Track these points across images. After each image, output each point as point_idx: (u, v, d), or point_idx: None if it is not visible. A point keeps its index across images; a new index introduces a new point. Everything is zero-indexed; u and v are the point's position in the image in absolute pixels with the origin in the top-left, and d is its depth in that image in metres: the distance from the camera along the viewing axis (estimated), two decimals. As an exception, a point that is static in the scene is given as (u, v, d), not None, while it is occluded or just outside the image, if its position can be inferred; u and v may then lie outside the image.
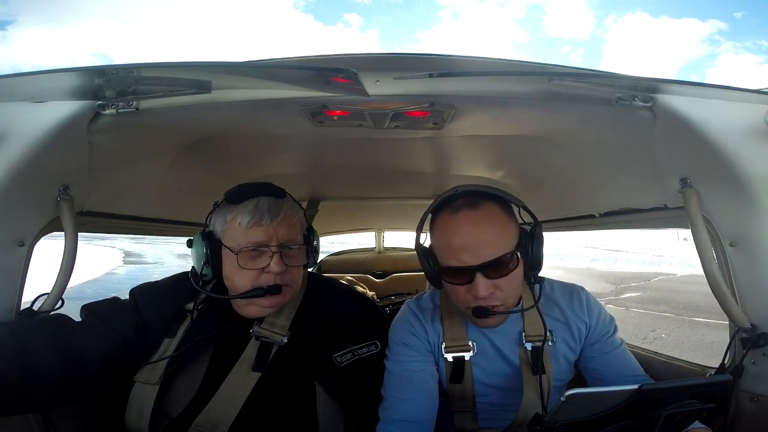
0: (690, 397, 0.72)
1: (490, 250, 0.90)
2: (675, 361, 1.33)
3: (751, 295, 0.99)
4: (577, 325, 1.07)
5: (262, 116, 1.08)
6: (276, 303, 1.04)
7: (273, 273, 0.99)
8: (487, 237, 0.91)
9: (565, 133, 1.22)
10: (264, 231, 0.99)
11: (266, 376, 1.02)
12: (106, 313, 1.04)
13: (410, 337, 1.07)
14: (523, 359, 1.05)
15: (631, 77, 0.88)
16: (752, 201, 0.93)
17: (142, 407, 0.98)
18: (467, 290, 0.93)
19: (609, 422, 0.72)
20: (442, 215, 0.97)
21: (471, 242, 0.91)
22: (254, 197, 1.02)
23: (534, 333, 1.05)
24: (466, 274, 0.92)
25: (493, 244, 0.91)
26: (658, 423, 0.70)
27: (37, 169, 0.90)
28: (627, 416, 0.71)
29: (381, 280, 3.53)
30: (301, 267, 1.08)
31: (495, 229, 0.93)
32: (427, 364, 1.06)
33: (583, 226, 1.66)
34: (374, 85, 0.87)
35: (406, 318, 1.11)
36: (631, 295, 9.51)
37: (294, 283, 1.06)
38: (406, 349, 1.06)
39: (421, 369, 1.04)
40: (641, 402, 0.70)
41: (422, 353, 1.06)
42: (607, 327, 1.09)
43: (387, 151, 1.53)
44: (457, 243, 0.92)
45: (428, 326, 1.09)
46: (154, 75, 0.88)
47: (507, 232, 0.94)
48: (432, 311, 1.11)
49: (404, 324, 1.10)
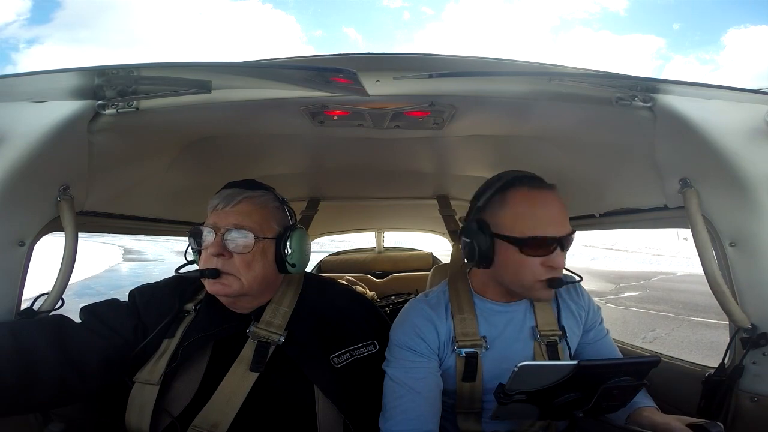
0: (624, 374, 0.84)
1: (567, 226, 1.00)
2: (675, 361, 1.33)
3: (751, 295, 0.99)
4: (579, 313, 1.14)
5: (262, 116, 1.08)
6: (216, 290, 1.01)
7: (211, 255, 1.00)
8: (564, 214, 1.00)
9: (565, 133, 1.22)
10: (216, 215, 1.03)
11: (264, 376, 1.02)
12: (106, 313, 1.04)
13: (416, 339, 1.05)
14: (538, 354, 1.06)
15: (631, 77, 0.88)
16: (752, 201, 0.93)
17: (143, 407, 0.98)
18: (543, 262, 0.97)
19: (559, 393, 0.84)
20: (519, 190, 1.00)
21: (557, 216, 0.98)
22: (229, 188, 1.06)
23: (547, 328, 1.08)
24: (548, 245, 0.96)
25: (567, 222, 1.00)
26: (596, 394, 0.83)
27: (37, 169, 0.91)
28: (572, 388, 0.83)
29: (381, 280, 3.53)
30: (254, 259, 1.02)
31: (565, 209, 1.01)
32: (431, 372, 1.04)
33: (583, 226, 1.66)
34: (374, 85, 0.87)
35: (411, 320, 1.08)
36: (631, 294, 9.51)
37: (242, 274, 1.01)
38: (411, 354, 1.04)
39: (425, 377, 1.02)
40: (583, 376, 0.81)
41: (427, 357, 1.04)
42: (598, 314, 1.18)
43: (387, 151, 1.53)
44: (545, 215, 0.97)
45: (439, 321, 1.07)
46: (154, 75, 0.88)
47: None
48: (443, 307, 1.10)
49: (409, 326, 1.07)
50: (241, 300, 1.06)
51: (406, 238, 4.75)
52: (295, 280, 1.16)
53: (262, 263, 1.03)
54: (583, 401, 0.85)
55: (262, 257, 1.03)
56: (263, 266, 1.04)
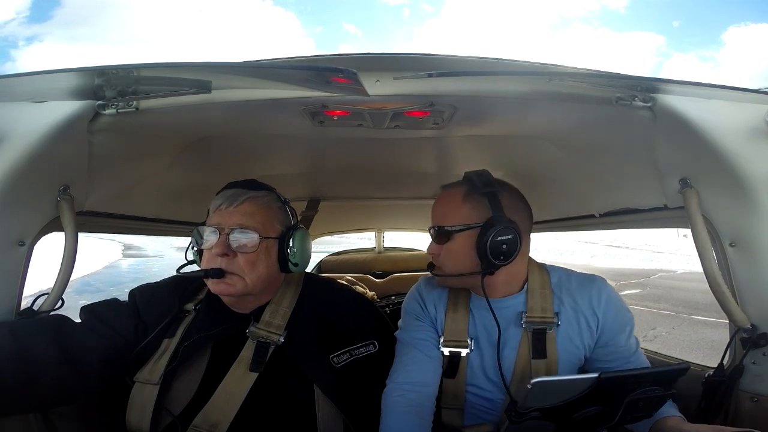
0: (651, 384, 0.77)
1: (436, 220, 1.13)
2: (675, 360, 1.33)
3: (751, 295, 0.99)
4: (585, 316, 1.06)
5: (262, 116, 1.08)
6: (220, 290, 1.02)
7: (215, 255, 1.00)
8: (439, 210, 1.12)
9: (565, 133, 1.22)
10: (220, 215, 1.03)
11: (264, 376, 1.02)
12: (106, 313, 1.05)
13: (420, 310, 1.16)
14: (524, 344, 1.06)
15: (631, 77, 0.88)
16: (752, 201, 0.92)
17: (143, 407, 0.98)
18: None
19: (577, 408, 0.77)
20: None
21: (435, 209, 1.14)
22: (231, 188, 1.06)
23: (537, 315, 1.06)
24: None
25: (438, 216, 1.12)
26: (621, 408, 0.77)
27: (37, 169, 0.91)
28: (593, 402, 0.77)
29: (381, 280, 3.53)
30: (258, 259, 1.02)
31: (447, 205, 1.12)
32: (431, 337, 1.12)
33: (583, 226, 1.66)
34: (374, 85, 0.87)
35: (416, 295, 1.19)
36: (631, 291, 9.49)
37: (246, 274, 1.01)
38: (416, 320, 1.15)
39: (425, 338, 1.11)
40: (604, 389, 0.75)
41: (428, 324, 1.14)
42: (621, 326, 1.06)
43: (387, 151, 1.53)
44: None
45: (431, 312, 1.14)
46: (154, 75, 0.88)
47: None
48: (439, 299, 1.15)
49: (415, 299, 1.18)
50: (244, 300, 1.07)
51: (406, 239, 4.75)
52: (295, 280, 1.16)
53: (265, 263, 1.04)
54: (606, 415, 0.79)
55: (266, 257, 1.04)
56: (267, 266, 1.04)
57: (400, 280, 3.51)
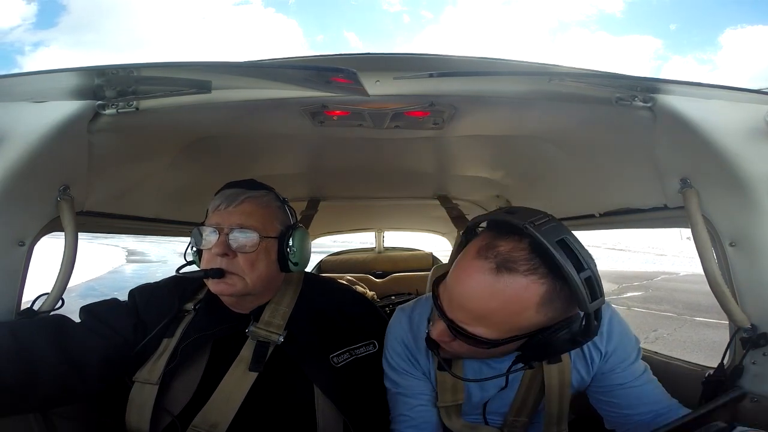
0: (711, 420, 0.73)
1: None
2: (675, 361, 1.33)
3: (751, 295, 0.98)
4: (589, 350, 0.99)
5: (262, 116, 1.08)
6: (220, 290, 1.01)
7: (215, 255, 1.00)
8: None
9: (565, 133, 1.22)
10: (219, 215, 1.03)
11: (264, 376, 1.02)
12: (105, 313, 1.05)
13: (408, 365, 1.04)
14: (524, 380, 1.02)
15: (631, 77, 0.88)
16: (752, 201, 0.92)
17: (143, 407, 0.98)
18: None
19: None
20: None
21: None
22: (230, 188, 1.06)
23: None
24: None
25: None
26: None
27: (37, 169, 0.91)
28: None
29: (381, 280, 3.53)
30: (258, 258, 1.02)
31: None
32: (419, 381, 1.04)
33: (583, 226, 1.66)
34: (374, 85, 0.87)
35: (391, 342, 1.07)
36: (634, 294, 9.48)
37: (246, 273, 1.01)
38: (408, 377, 1.04)
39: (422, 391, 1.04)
40: None
41: (420, 374, 1.04)
42: (627, 353, 0.98)
43: (387, 151, 1.53)
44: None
45: (418, 353, 1.04)
46: (154, 75, 0.88)
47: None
48: (425, 324, 0.98)
49: (399, 351, 1.05)
50: (244, 300, 1.07)
51: (406, 239, 4.75)
52: (295, 279, 1.16)
53: (265, 262, 1.04)
54: None
55: (266, 256, 1.04)
56: (267, 265, 1.04)
57: (400, 280, 3.51)
